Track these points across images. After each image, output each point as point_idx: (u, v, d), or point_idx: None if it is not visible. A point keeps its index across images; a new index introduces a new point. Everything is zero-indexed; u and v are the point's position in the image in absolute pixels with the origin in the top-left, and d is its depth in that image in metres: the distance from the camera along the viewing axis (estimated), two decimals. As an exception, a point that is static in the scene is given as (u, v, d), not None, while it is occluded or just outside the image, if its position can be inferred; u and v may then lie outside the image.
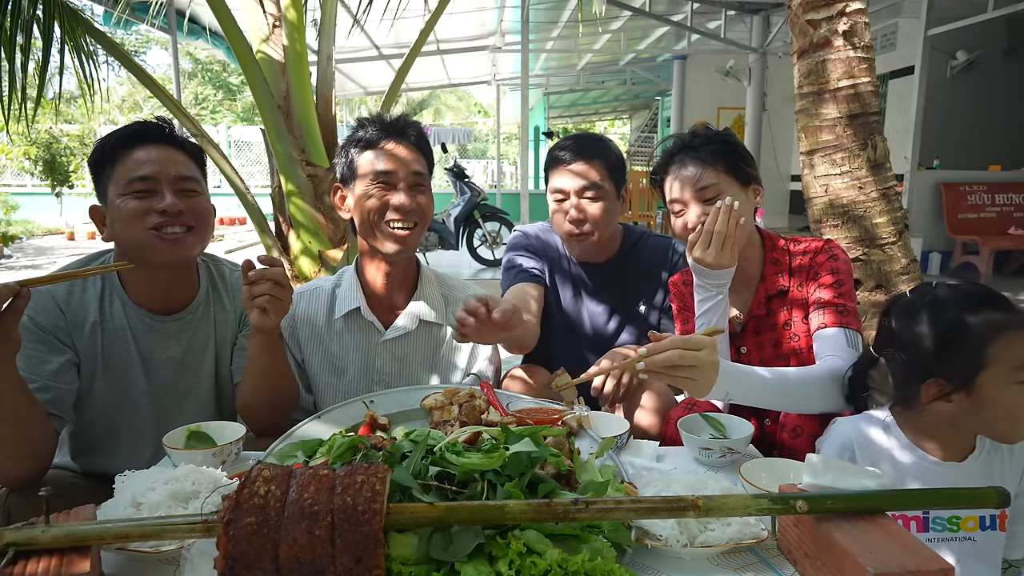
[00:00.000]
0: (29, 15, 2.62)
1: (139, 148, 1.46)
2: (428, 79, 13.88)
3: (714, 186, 1.55)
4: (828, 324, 1.50)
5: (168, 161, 1.46)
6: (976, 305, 1.15)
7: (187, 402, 1.56)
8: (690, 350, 1.19)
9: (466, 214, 8.33)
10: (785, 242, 1.66)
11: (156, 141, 1.48)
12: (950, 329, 1.16)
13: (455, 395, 1.34)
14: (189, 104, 23.27)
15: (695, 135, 1.63)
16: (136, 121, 1.54)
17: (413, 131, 1.65)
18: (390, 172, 1.58)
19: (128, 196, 1.42)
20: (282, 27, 2.92)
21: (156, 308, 1.52)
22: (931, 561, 0.76)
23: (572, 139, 1.90)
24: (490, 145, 27.54)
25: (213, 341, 1.59)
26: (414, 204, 1.59)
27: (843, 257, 1.59)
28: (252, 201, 3.13)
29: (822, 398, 1.38)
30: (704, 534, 0.92)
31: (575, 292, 1.99)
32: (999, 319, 1.14)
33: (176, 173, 1.46)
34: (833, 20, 3.02)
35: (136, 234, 1.42)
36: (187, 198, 1.46)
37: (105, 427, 1.52)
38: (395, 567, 0.78)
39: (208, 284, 1.61)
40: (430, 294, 1.71)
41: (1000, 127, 8.56)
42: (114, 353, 1.50)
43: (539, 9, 8.94)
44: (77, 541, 0.81)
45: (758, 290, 1.64)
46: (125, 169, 1.44)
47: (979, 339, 1.13)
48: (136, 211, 1.41)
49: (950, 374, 1.16)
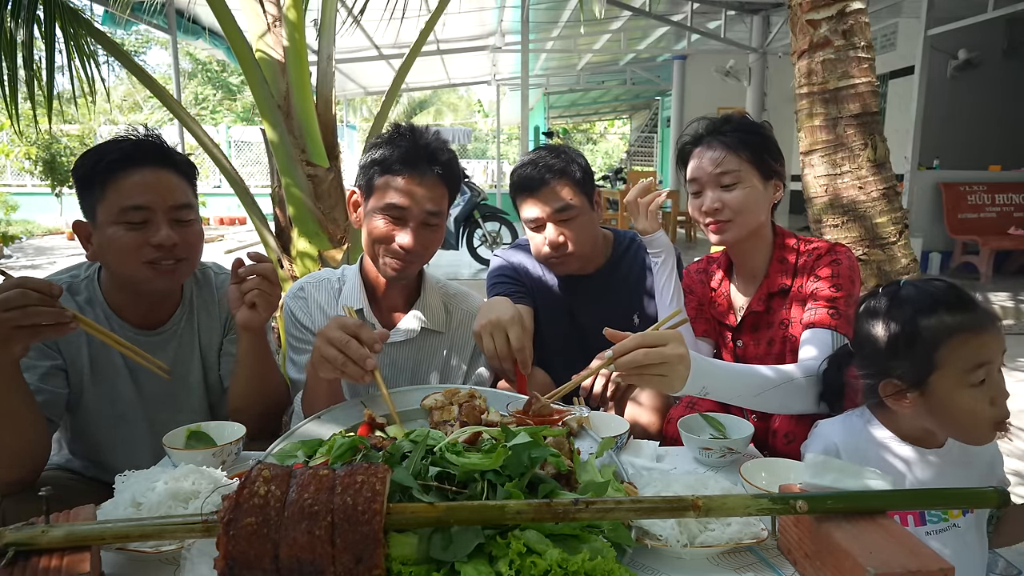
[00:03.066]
0: (29, 15, 2.62)
1: (132, 172, 1.39)
2: (428, 79, 13.89)
3: (734, 172, 1.55)
4: (816, 323, 1.48)
5: (163, 188, 1.41)
6: (931, 306, 1.15)
7: (180, 413, 1.55)
8: (654, 346, 1.16)
9: (466, 214, 8.33)
10: (796, 241, 1.65)
11: (150, 163, 1.41)
12: (901, 329, 1.16)
13: (455, 395, 1.33)
14: (189, 104, 23.26)
15: (728, 120, 1.62)
16: (128, 139, 1.45)
17: (443, 162, 1.53)
18: (403, 208, 1.50)
19: (120, 225, 1.37)
20: (282, 27, 2.92)
21: (139, 322, 1.51)
22: (931, 561, 0.76)
23: (531, 162, 1.80)
24: (490, 145, 27.54)
25: (199, 350, 1.58)
26: (418, 246, 1.52)
27: (847, 262, 1.55)
28: (252, 201, 3.12)
29: (801, 399, 1.36)
30: (704, 534, 0.92)
31: (564, 308, 1.95)
32: (950, 321, 1.13)
33: (172, 203, 1.41)
34: (833, 20, 3.02)
35: (129, 268, 1.40)
36: (181, 228, 1.43)
37: (100, 439, 1.53)
38: (395, 567, 0.78)
39: (191, 292, 1.60)
40: (431, 302, 1.68)
41: (1000, 127, 8.55)
42: (102, 365, 1.49)
43: (539, 9, 8.94)
44: (77, 541, 0.81)
45: (761, 286, 1.64)
46: (117, 195, 1.37)
47: (929, 341, 1.13)
48: (130, 245, 1.37)
49: (903, 374, 1.16)
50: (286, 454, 1.11)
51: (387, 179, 1.51)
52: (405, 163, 1.50)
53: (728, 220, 1.57)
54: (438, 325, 1.68)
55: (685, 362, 1.17)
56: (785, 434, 1.46)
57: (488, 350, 1.52)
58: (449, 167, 1.55)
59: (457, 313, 1.72)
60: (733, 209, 1.55)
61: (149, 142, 1.45)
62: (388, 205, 1.50)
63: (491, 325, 1.52)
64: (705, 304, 1.76)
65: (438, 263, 8.62)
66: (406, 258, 1.53)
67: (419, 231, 1.52)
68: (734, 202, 1.55)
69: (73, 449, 1.57)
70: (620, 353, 1.16)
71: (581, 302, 1.94)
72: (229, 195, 13.12)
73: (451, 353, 1.70)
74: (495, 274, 1.99)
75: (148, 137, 1.47)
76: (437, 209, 1.53)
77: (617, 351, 1.17)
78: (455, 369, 1.70)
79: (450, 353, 1.70)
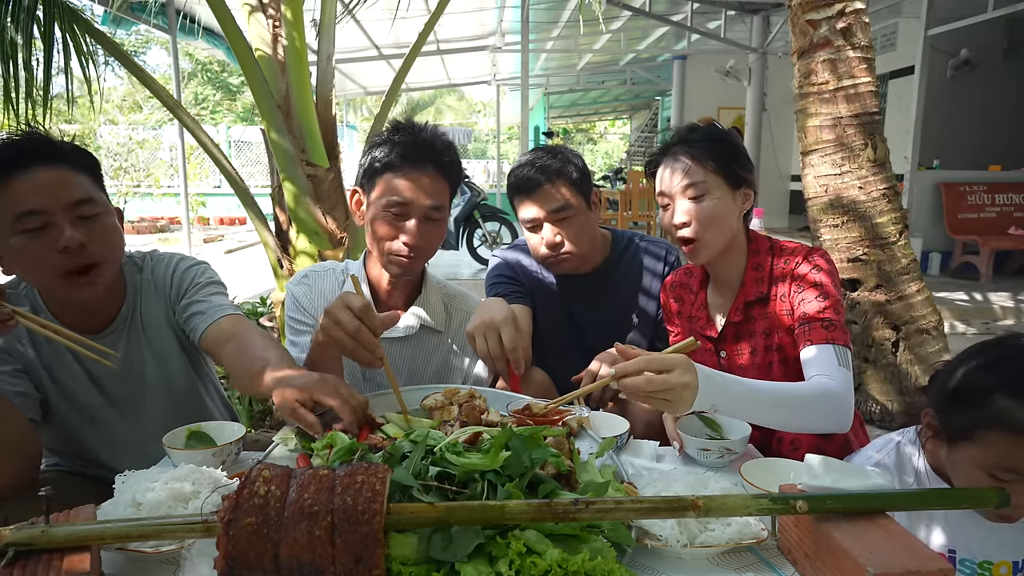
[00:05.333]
0: (29, 15, 2.62)
1: (18, 175, 1.27)
2: (428, 79, 13.88)
3: (700, 184, 1.53)
4: (815, 341, 1.44)
5: (56, 185, 1.29)
6: (1010, 387, 1.04)
7: (144, 409, 1.53)
8: (660, 372, 1.10)
9: (466, 214, 8.33)
10: (771, 244, 1.63)
11: (35, 162, 1.29)
12: (974, 385, 1.10)
13: (455, 395, 1.34)
14: (189, 104, 23.24)
15: (693, 130, 1.61)
16: (9, 140, 1.32)
17: (443, 156, 1.53)
18: (405, 204, 1.50)
19: (20, 235, 1.26)
20: (282, 27, 2.92)
21: (85, 327, 1.43)
22: (931, 561, 0.76)
23: (528, 163, 1.80)
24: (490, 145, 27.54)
25: (146, 344, 1.53)
26: (422, 241, 1.53)
27: (827, 267, 1.54)
28: (252, 201, 3.13)
29: (809, 417, 1.34)
30: (704, 534, 0.92)
31: (562, 307, 1.95)
32: (1011, 415, 1.03)
33: (69, 199, 1.29)
34: (833, 20, 3.02)
35: (42, 280, 1.33)
36: (87, 225, 1.31)
37: (82, 439, 1.52)
38: (395, 567, 0.78)
39: (132, 285, 1.53)
40: (432, 300, 1.69)
41: (1000, 127, 8.54)
42: (59, 374, 1.46)
43: (539, 9, 8.94)
44: (77, 541, 0.81)
45: (737, 296, 1.62)
46: (8, 203, 1.26)
47: (986, 414, 1.05)
48: (34, 255, 1.27)
49: (945, 419, 1.14)
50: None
51: (388, 176, 1.52)
52: (405, 159, 1.50)
53: (698, 239, 1.55)
54: (438, 323, 1.68)
55: (691, 389, 1.12)
56: (791, 441, 1.45)
57: (481, 350, 1.52)
58: (449, 161, 1.55)
59: (457, 314, 1.72)
60: (701, 221, 1.53)
61: (32, 140, 1.34)
62: (390, 202, 1.51)
63: (484, 326, 1.51)
64: (685, 318, 1.74)
65: (438, 263, 8.60)
66: (410, 254, 1.53)
67: (422, 226, 1.52)
68: (702, 214, 1.53)
69: (61, 451, 1.57)
70: (624, 374, 1.12)
71: (579, 301, 1.94)
72: (229, 195, 13.11)
73: (450, 353, 1.70)
74: (493, 275, 1.99)
75: (32, 134, 1.36)
76: (439, 203, 1.54)
77: (621, 371, 1.12)
78: (454, 369, 1.70)
79: (449, 353, 1.70)
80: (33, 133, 1.37)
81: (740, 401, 1.27)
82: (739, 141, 1.64)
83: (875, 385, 3.31)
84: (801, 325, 1.49)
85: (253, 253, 9.56)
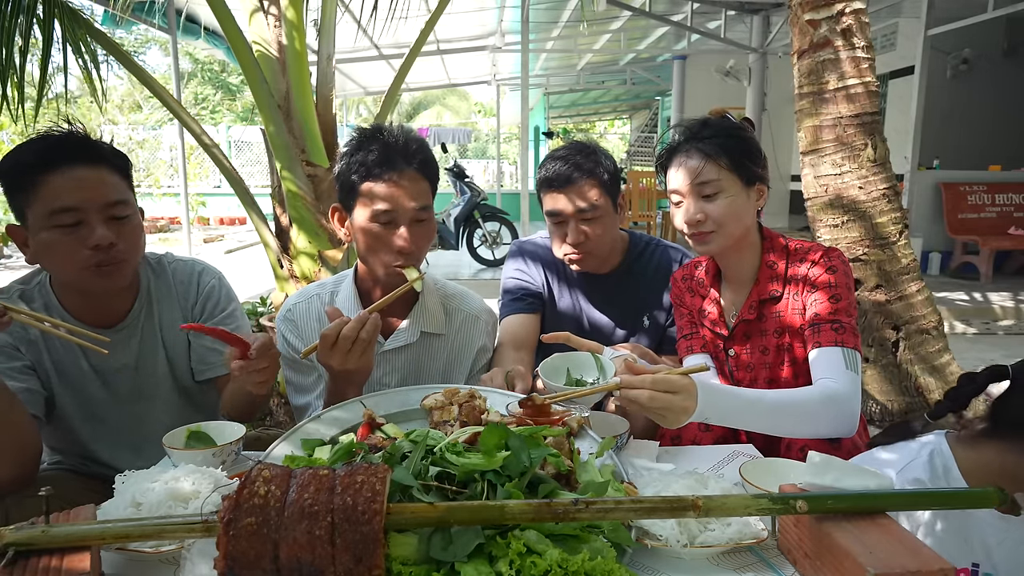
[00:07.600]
0: (29, 15, 2.62)
1: (58, 171, 1.30)
2: (428, 79, 13.87)
3: (714, 182, 1.50)
4: (823, 343, 1.43)
5: (93, 185, 1.33)
6: None
7: (154, 406, 1.55)
8: (663, 392, 1.15)
9: (466, 214, 8.33)
10: (785, 243, 1.60)
11: (76, 161, 1.32)
12: None
13: (455, 395, 1.33)
14: (189, 104, 23.25)
15: (706, 125, 1.57)
16: (50, 135, 1.35)
17: (418, 155, 1.51)
18: (392, 212, 1.48)
19: (53, 229, 1.30)
20: (282, 27, 2.92)
21: (97, 321, 1.46)
22: (931, 561, 0.76)
23: (562, 158, 1.80)
24: (490, 145, 27.54)
25: (162, 342, 1.55)
26: (414, 246, 1.51)
27: (842, 268, 1.51)
28: (252, 201, 3.13)
29: (813, 423, 1.33)
30: (704, 534, 0.92)
31: (576, 304, 1.96)
32: None
33: (104, 200, 1.33)
34: (833, 20, 3.02)
35: (68, 272, 1.35)
36: (118, 225, 1.35)
37: (82, 437, 1.53)
38: (395, 567, 0.78)
39: (148, 283, 1.55)
40: (430, 305, 1.67)
41: (1000, 127, 8.55)
42: (66, 367, 1.47)
43: (539, 9, 8.93)
44: (77, 541, 0.81)
45: (751, 293, 1.59)
46: (44, 197, 1.30)
47: None
48: (65, 249, 1.31)
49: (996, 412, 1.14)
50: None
51: (369, 186, 1.49)
52: (382, 165, 1.48)
53: (711, 231, 1.53)
54: (438, 328, 1.67)
55: (688, 413, 1.18)
56: (800, 448, 1.43)
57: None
58: (425, 159, 1.54)
59: (457, 314, 1.71)
60: (715, 220, 1.51)
61: (73, 138, 1.37)
62: (376, 212, 1.48)
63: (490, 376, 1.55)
64: (695, 314, 1.72)
65: (438, 263, 8.63)
66: (405, 261, 1.52)
67: (412, 229, 1.51)
68: (716, 212, 1.51)
69: (61, 448, 1.57)
70: (628, 386, 1.17)
71: (592, 301, 1.96)
72: (229, 195, 13.11)
73: (452, 355, 1.70)
74: (512, 255, 2.04)
75: (72, 132, 1.38)
76: (424, 203, 1.52)
77: (626, 383, 1.17)
78: (457, 370, 1.70)
79: (451, 355, 1.70)
80: (73, 131, 1.39)
81: (742, 413, 1.28)
82: (752, 135, 1.60)
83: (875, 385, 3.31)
84: (811, 326, 1.47)
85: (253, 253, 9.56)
